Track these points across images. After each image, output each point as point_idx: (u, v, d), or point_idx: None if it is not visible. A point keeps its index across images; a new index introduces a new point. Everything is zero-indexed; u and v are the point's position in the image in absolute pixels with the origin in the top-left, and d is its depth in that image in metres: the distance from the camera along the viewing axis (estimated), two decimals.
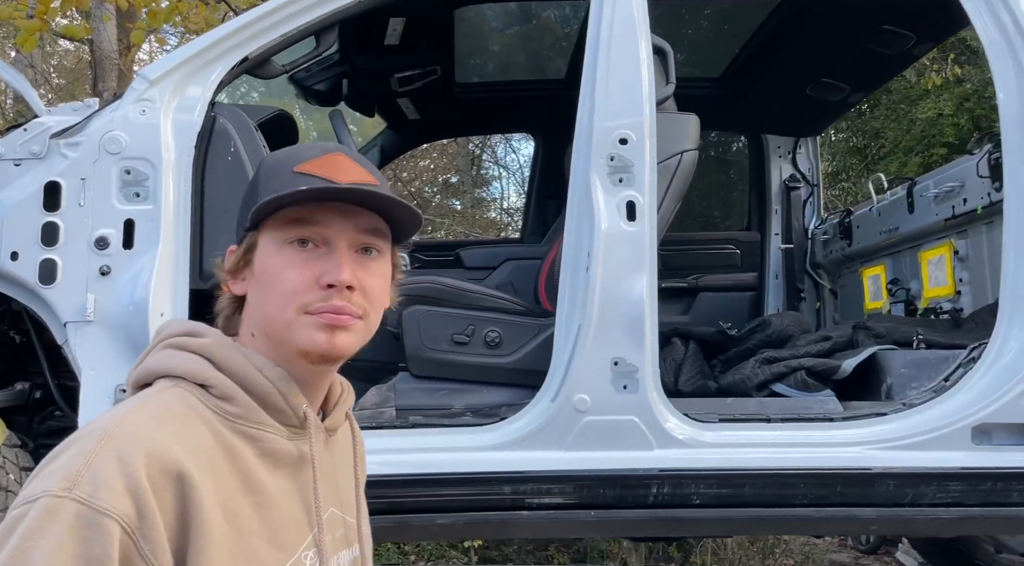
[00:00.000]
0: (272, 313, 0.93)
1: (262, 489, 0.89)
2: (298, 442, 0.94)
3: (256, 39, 2.25)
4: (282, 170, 0.95)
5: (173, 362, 0.92)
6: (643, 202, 2.17)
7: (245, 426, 0.90)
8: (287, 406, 0.93)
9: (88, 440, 0.81)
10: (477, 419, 2.20)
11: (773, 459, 2.10)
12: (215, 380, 0.90)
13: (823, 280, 3.87)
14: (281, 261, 0.93)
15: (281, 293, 0.92)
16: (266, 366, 0.92)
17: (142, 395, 0.90)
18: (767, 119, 3.79)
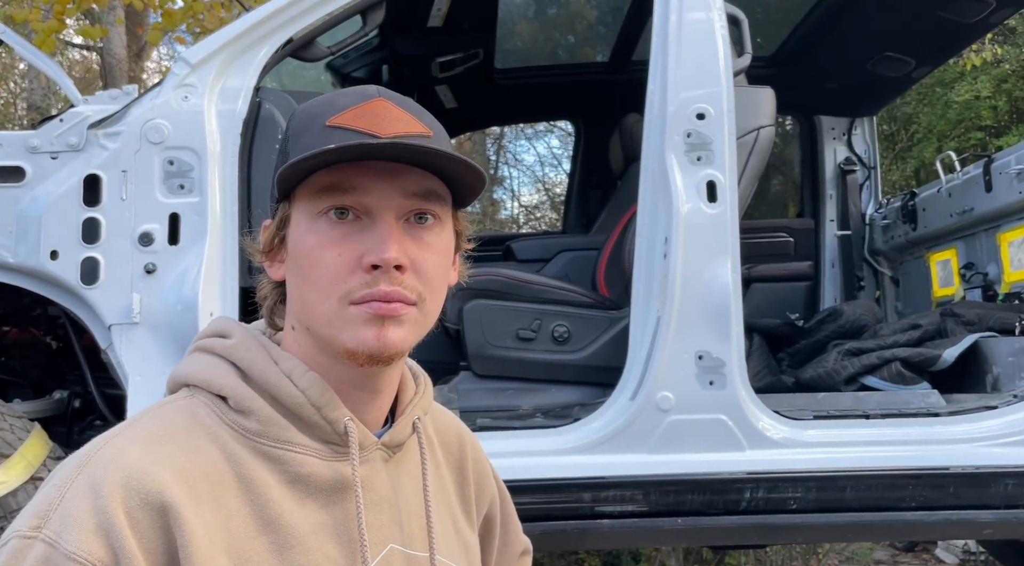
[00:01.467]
0: (311, 304, 0.75)
1: (284, 525, 0.72)
2: (337, 464, 0.76)
3: (300, 19, 2.10)
4: (313, 124, 0.76)
5: (193, 369, 0.79)
6: (724, 181, 2.01)
7: (266, 445, 0.74)
8: (323, 420, 0.75)
9: (67, 468, 0.69)
10: (549, 420, 2.04)
11: (876, 459, 1.93)
12: (230, 390, 0.75)
13: (883, 267, 3.69)
14: (315, 239, 0.74)
15: (318, 279, 0.74)
16: (297, 371, 0.76)
17: (146, 409, 0.76)
18: (821, 99, 3.61)
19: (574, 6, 3.69)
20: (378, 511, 0.78)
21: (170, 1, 6.35)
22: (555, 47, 3.77)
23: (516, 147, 14.67)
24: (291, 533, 0.72)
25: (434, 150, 0.72)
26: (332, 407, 0.76)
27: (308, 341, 0.78)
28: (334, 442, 0.76)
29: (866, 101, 3.61)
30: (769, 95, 2.32)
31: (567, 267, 2.99)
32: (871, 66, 3.27)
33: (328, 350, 0.76)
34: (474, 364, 2.22)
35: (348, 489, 0.76)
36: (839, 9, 2.97)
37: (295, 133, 0.77)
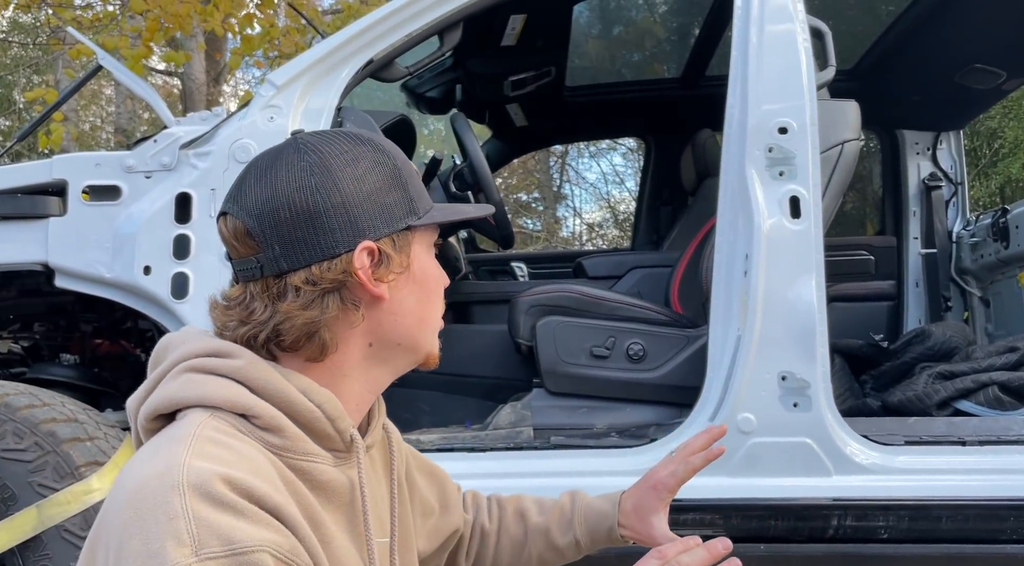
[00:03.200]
0: (429, 319, 0.91)
1: (321, 522, 0.80)
2: (344, 468, 0.85)
3: (380, 40, 2.15)
4: (412, 169, 0.90)
5: (206, 389, 0.79)
6: (808, 197, 1.95)
7: (293, 459, 0.80)
8: (334, 431, 0.83)
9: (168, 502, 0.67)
10: (624, 440, 2.01)
11: (974, 487, 1.83)
12: (260, 409, 0.79)
13: (972, 287, 3.52)
14: (436, 267, 0.92)
15: (439, 298, 0.92)
16: (311, 388, 0.82)
17: (185, 435, 0.74)
18: (904, 113, 3.49)
19: (644, 23, 3.67)
20: (371, 508, 0.87)
21: (248, 27, 6.61)
22: (625, 64, 3.76)
23: (579, 165, 14.68)
24: (327, 531, 0.79)
25: None
26: (342, 418, 0.83)
27: (384, 356, 0.88)
28: (339, 449, 0.84)
29: (952, 114, 3.47)
30: (854, 108, 2.25)
31: (639, 284, 2.95)
32: (959, 78, 3.14)
33: (405, 361, 0.90)
34: (547, 381, 2.20)
35: (354, 490, 0.84)
36: (925, 20, 2.88)
37: (408, 173, 0.88)
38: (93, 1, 6.60)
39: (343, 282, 0.82)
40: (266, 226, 0.81)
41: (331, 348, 0.83)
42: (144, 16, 5.54)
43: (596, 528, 1.13)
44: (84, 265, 1.96)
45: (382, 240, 0.84)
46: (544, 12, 2.69)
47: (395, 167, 0.87)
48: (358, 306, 0.83)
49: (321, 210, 0.81)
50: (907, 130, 3.54)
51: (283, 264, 0.81)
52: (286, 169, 0.82)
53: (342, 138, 0.86)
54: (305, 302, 0.81)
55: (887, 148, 3.64)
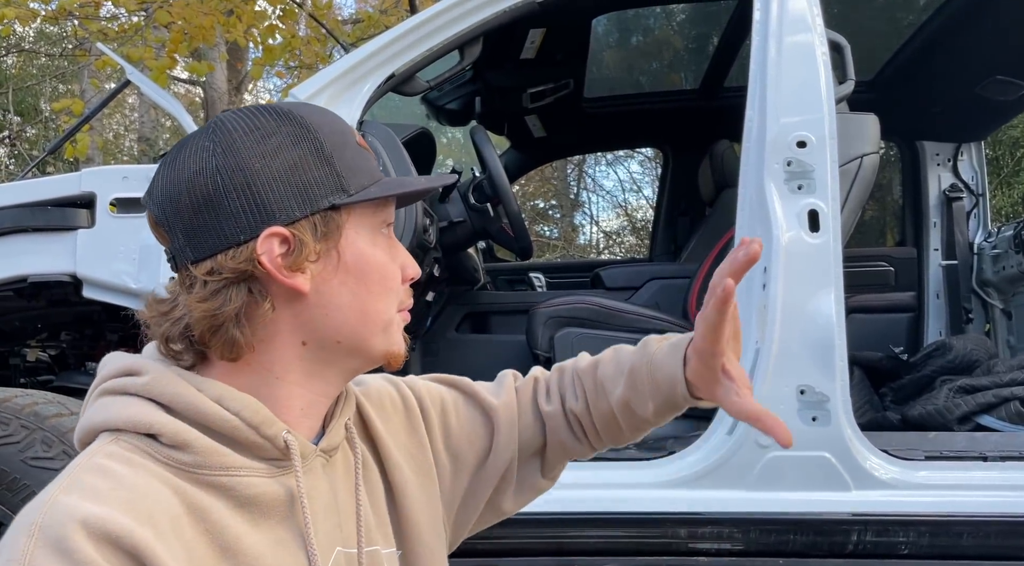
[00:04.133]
0: (373, 313, 0.78)
1: (241, 549, 0.71)
2: (283, 477, 0.76)
3: (402, 55, 2.18)
4: (346, 141, 0.78)
5: (109, 412, 0.74)
6: (826, 211, 1.95)
7: (208, 475, 0.72)
8: (261, 439, 0.74)
9: (18, 539, 0.63)
10: (642, 453, 2.01)
11: (996, 504, 1.82)
12: (161, 426, 0.71)
13: (993, 300, 3.48)
14: (381, 252, 0.80)
15: (385, 289, 0.80)
16: (227, 395, 0.74)
17: (73, 464, 0.70)
18: (924, 124, 3.47)
19: (662, 34, 3.69)
20: (324, 517, 0.78)
21: (270, 37, 6.70)
22: (643, 75, 3.77)
23: (596, 173, 14.69)
24: (249, 554, 0.71)
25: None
26: (268, 424, 0.74)
27: (324, 357, 0.78)
28: (275, 457, 0.75)
29: (973, 126, 3.45)
30: (873, 122, 2.25)
31: (657, 295, 2.95)
32: (979, 90, 3.13)
33: (353, 362, 0.80)
34: None
35: (297, 500, 0.76)
36: (945, 31, 2.87)
37: (334, 146, 0.77)
38: (118, 13, 6.72)
39: (249, 272, 0.73)
40: (170, 214, 0.74)
41: (246, 346, 0.74)
42: (168, 28, 5.64)
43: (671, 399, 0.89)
44: (111, 276, 2.00)
45: (298, 224, 0.74)
46: (563, 26, 2.72)
47: (317, 140, 0.76)
48: (266, 297, 0.74)
49: (222, 193, 0.72)
50: (927, 141, 3.52)
51: (188, 254, 0.74)
52: (189, 151, 0.75)
53: (260, 113, 0.76)
54: (207, 294, 0.73)
55: (907, 159, 3.62)
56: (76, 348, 2.37)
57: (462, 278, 2.83)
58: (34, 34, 11.51)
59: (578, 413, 0.98)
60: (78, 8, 6.07)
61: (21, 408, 1.83)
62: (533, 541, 1.92)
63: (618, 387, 0.94)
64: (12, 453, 1.79)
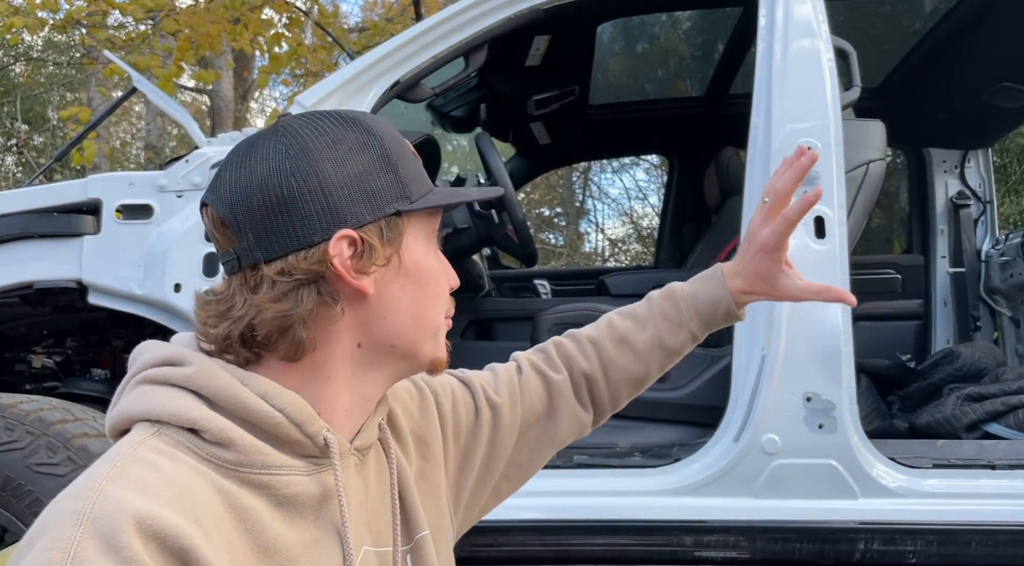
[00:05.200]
0: (426, 318, 0.81)
1: (280, 548, 0.71)
2: (320, 475, 0.76)
3: (407, 62, 2.18)
4: (404, 151, 0.80)
5: (152, 402, 0.73)
6: (833, 217, 1.95)
7: (250, 474, 0.72)
8: (303, 436, 0.75)
9: (63, 527, 0.62)
10: (648, 460, 2.00)
11: (1004, 512, 1.80)
12: (207, 422, 0.71)
13: (1001, 307, 3.46)
14: (436, 259, 0.83)
15: (439, 295, 0.83)
16: (272, 391, 0.74)
17: (116, 453, 0.69)
18: (931, 131, 3.46)
19: (667, 41, 3.69)
20: (356, 516, 0.79)
21: (276, 46, 6.73)
22: (648, 82, 3.78)
23: (601, 180, 14.69)
24: (287, 556, 0.72)
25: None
26: (311, 422, 0.75)
27: (373, 358, 0.79)
28: (313, 455, 0.76)
29: (980, 133, 3.44)
30: (879, 128, 2.25)
31: None
32: (986, 97, 3.12)
33: (402, 366, 0.82)
34: None
35: (333, 498, 0.76)
36: (952, 38, 2.86)
37: (399, 154, 0.79)
38: (126, 21, 6.76)
39: (320, 273, 0.74)
40: (239, 214, 0.75)
41: (308, 346, 0.75)
42: (175, 36, 5.67)
43: (712, 316, 1.06)
44: (116, 282, 2.00)
45: (366, 228, 0.75)
46: (568, 33, 2.72)
47: (383, 147, 0.78)
48: (337, 300, 0.76)
49: (296, 195, 0.74)
50: (934, 148, 3.51)
51: (258, 254, 0.74)
52: (261, 153, 0.76)
53: (326, 119, 0.78)
54: (278, 294, 0.74)
55: (914, 166, 3.61)
56: (81, 354, 2.37)
57: (467, 285, 2.83)
58: (42, 43, 11.58)
59: (589, 374, 1.06)
60: (86, 17, 6.11)
61: (26, 414, 1.83)
62: (537, 549, 1.91)
63: (647, 330, 1.07)
64: (17, 459, 1.79)
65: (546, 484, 1.96)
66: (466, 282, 2.82)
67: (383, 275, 0.77)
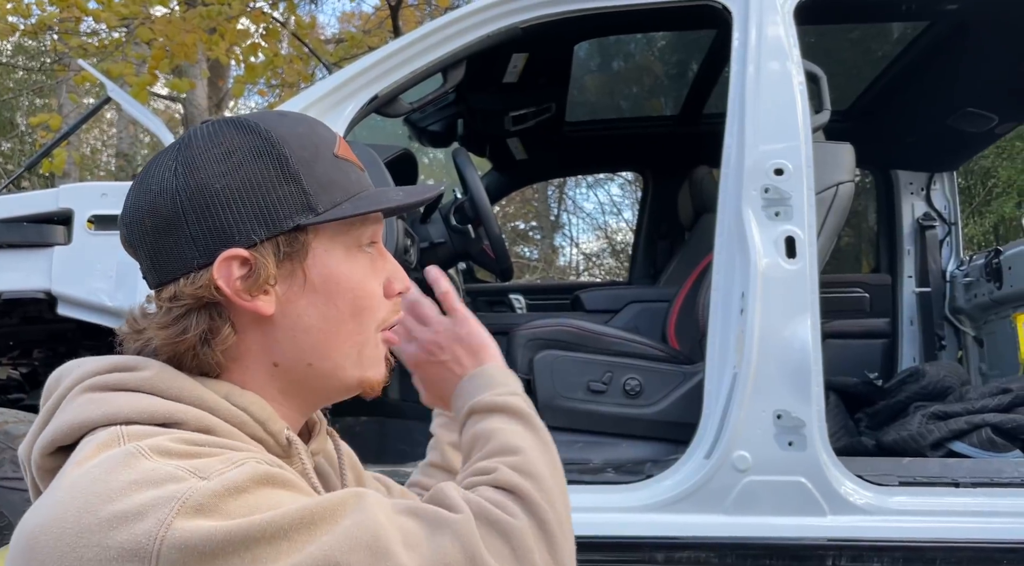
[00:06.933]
0: (344, 334, 0.75)
1: None
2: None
3: (386, 77, 2.19)
4: (320, 153, 0.74)
5: (112, 405, 0.67)
6: (803, 237, 1.98)
7: None
8: (267, 434, 0.73)
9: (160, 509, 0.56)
10: (620, 476, 2.01)
11: (968, 530, 1.84)
12: (183, 414, 0.67)
13: (965, 327, 3.54)
14: (359, 271, 0.76)
15: (361, 309, 0.76)
16: (233, 392, 0.72)
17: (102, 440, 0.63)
18: (899, 154, 3.55)
19: (644, 60, 3.74)
20: None
21: (253, 55, 6.70)
22: (624, 100, 3.82)
23: (576, 195, 14.79)
24: None
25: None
26: (273, 420, 0.73)
27: (295, 377, 0.75)
28: (276, 454, 0.74)
29: (946, 156, 3.53)
30: (848, 151, 2.30)
31: (636, 319, 2.97)
32: (951, 122, 3.20)
33: (332, 383, 0.77)
34: (544, 415, 2.17)
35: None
36: (919, 64, 2.94)
37: (302, 160, 0.73)
38: (99, 28, 6.69)
39: (207, 298, 0.70)
40: (135, 236, 0.72)
41: (214, 369, 0.73)
42: (150, 44, 5.62)
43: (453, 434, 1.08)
44: (87, 293, 1.98)
45: (260, 246, 0.71)
46: (546, 51, 2.75)
47: (281, 156, 0.72)
48: (227, 322, 0.72)
49: (182, 216, 0.69)
50: (901, 170, 3.60)
51: (152, 278, 0.72)
52: (155, 171, 0.72)
53: (225, 127, 0.73)
54: (167, 320, 0.70)
55: (882, 187, 3.69)
56: (48, 366, 2.33)
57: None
58: (12, 47, 11.42)
59: None
60: (58, 23, 6.03)
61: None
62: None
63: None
64: None
65: None
66: None
67: (287, 292, 0.73)
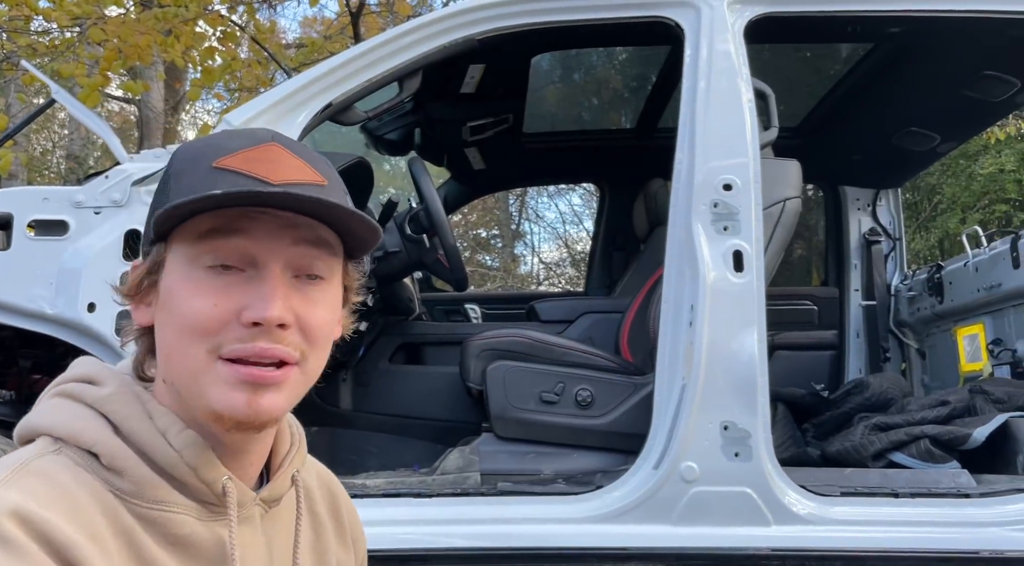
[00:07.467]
0: (175, 355, 0.71)
1: None
2: (215, 525, 0.72)
3: (340, 85, 2.18)
4: (198, 165, 0.72)
5: (58, 418, 0.71)
6: (750, 252, 2.02)
7: (141, 507, 0.68)
8: (199, 481, 0.71)
9: None
10: (571, 487, 2.02)
11: (905, 539, 1.89)
12: (104, 447, 0.69)
13: (909, 339, 3.65)
14: (191, 286, 0.70)
15: (184, 328, 0.69)
16: (173, 428, 0.71)
17: (13, 462, 0.67)
18: (846, 170, 3.64)
19: (602, 73, 3.78)
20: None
21: (210, 59, 6.60)
22: (582, 112, 3.86)
23: (538, 204, 14.86)
24: None
25: (327, 201, 0.69)
26: (210, 467, 0.71)
27: (174, 399, 0.74)
28: (211, 502, 0.72)
29: (891, 173, 3.64)
30: (795, 167, 2.35)
31: (591, 330, 2.99)
32: (896, 140, 3.30)
33: (192, 410, 0.72)
34: (496, 426, 2.21)
35: (224, 552, 0.72)
36: (864, 84, 3.03)
37: (176, 172, 0.73)
38: (50, 27, 6.53)
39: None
40: None
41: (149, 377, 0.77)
42: (102, 45, 5.50)
43: None
44: (26, 300, 1.92)
45: (145, 255, 0.74)
46: (503, 63, 2.76)
47: (168, 169, 0.76)
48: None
49: None
50: (849, 187, 3.70)
51: None
52: None
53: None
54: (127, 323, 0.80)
55: (830, 203, 3.79)
56: None
57: (397, 308, 2.82)
58: None
59: None
60: (7, 22, 5.87)
61: None
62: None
63: None
64: None
65: (470, 511, 1.96)
66: (396, 305, 2.81)
67: (155, 306, 0.73)
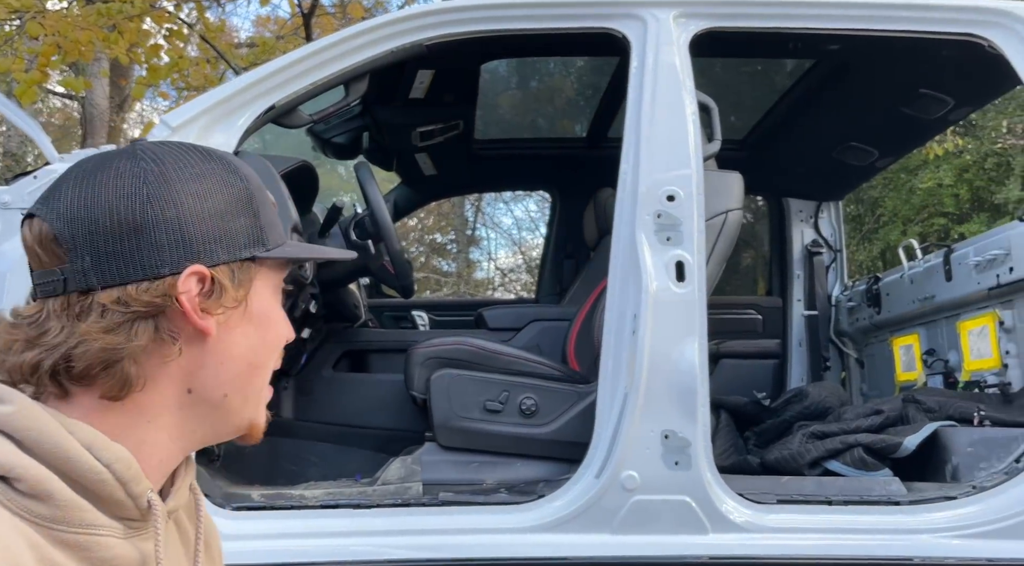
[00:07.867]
0: (265, 370, 0.79)
1: None
2: (137, 540, 0.71)
3: (284, 87, 2.15)
4: (267, 197, 0.80)
5: None
6: (692, 262, 2.05)
7: (66, 532, 0.66)
8: (126, 496, 0.69)
9: None
10: (513, 497, 2.02)
11: (838, 547, 1.93)
12: (23, 471, 0.65)
13: (848, 349, 3.74)
14: (279, 310, 0.80)
15: (275, 348, 0.80)
16: (98, 443, 0.68)
17: None
18: (789, 182, 3.73)
19: (555, 81, 3.80)
20: None
21: (156, 57, 6.44)
22: (534, 119, 3.87)
23: (494, 209, 14.87)
24: None
25: None
26: (137, 481, 0.69)
27: (201, 409, 0.75)
28: (131, 518, 0.70)
29: (832, 186, 3.73)
30: (737, 180, 2.39)
31: (538, 337, 2.99)
32: (836, 154, 3.39)
33: (230, 418, 0.77)
34: (439, 435, 2.19)
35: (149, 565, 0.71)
36: (806, 99, 3.10)
37: (261, 201, 0.78)
38: None
39: (161, 308, 0.70)
40: (78, 233, 0.70)
41: (136, 385, 0.70)
42: (41, 40, 5.33)
43: None
44: None
45: (218, 268, 0.73)
46: (452, 69, 2.75)
47: (247, 190, 0.76)
48: (176, 339, 0.72)
49: (151, 223, 0.70)
50: (792, 198, 3.78)
51: (92, 279, 0.69)
52: (115, 174, 0.72)
53: (190, 151, 0.76)
54: (109, 325, 0.69)
55: (774, 214, 3.87)
56: None
57: (342, 315, 2.78)
58: None
59: None
60: None
61: None
62: None
63: None
64: None
65: (410, 522, 1.93)
66: (341, 312, 2.77)
67: (227, 319, 0.74)
